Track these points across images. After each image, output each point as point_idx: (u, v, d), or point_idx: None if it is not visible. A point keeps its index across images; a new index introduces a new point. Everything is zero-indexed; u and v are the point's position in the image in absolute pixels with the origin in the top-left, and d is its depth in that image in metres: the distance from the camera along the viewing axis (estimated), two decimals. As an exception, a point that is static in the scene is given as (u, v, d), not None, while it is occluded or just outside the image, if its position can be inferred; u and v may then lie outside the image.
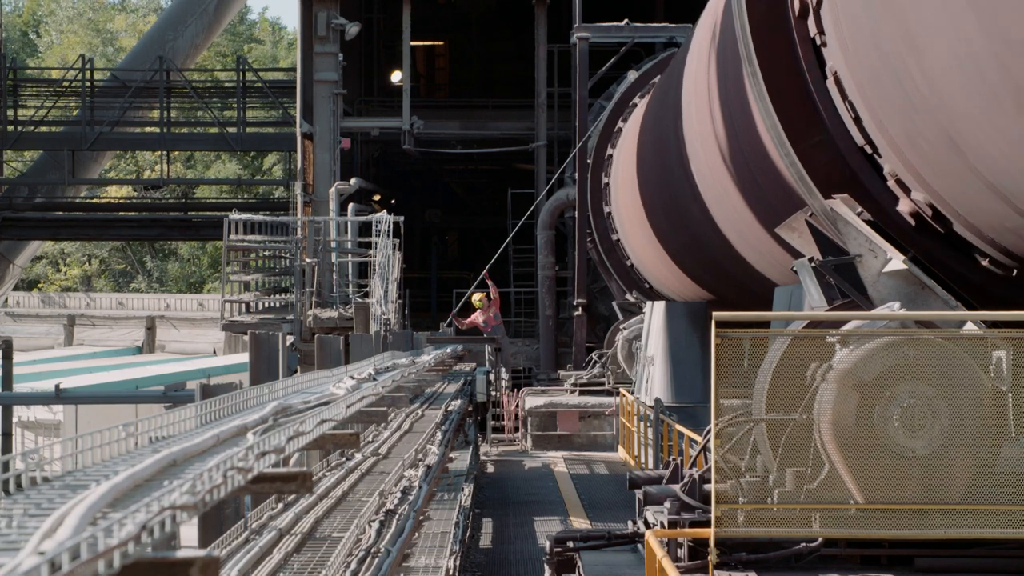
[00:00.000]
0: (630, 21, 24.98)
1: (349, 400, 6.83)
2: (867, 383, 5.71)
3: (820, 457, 5.77)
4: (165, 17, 35.37)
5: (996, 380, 5.71)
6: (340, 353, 15.75)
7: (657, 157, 15.15)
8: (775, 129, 6.92)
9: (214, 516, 8.38)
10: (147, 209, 36.28)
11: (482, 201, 38.33)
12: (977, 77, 5.18)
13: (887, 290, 6.31)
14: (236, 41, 60.47)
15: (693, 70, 11.51)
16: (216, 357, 43.38)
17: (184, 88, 31.86)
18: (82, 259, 57.91)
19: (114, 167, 53.96)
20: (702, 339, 15.44)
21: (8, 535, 2.68)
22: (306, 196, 28.06)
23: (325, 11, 27.98)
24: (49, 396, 23.92)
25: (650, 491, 6.90)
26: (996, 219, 5.94)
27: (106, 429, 3.83)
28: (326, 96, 28.17)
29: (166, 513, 3.02)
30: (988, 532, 5.71)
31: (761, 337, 5.98)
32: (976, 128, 5.49)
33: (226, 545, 5.86)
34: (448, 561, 6.85)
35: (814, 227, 6.73)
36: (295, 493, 4.71)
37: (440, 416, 11.52)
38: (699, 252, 13.72)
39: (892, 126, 6.25)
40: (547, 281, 27.86)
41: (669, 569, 5.85)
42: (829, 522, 5.78)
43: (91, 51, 49.30)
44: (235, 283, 24.23)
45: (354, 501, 7.25)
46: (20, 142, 32.91)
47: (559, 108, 30.07)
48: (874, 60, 6.18)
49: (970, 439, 5.71)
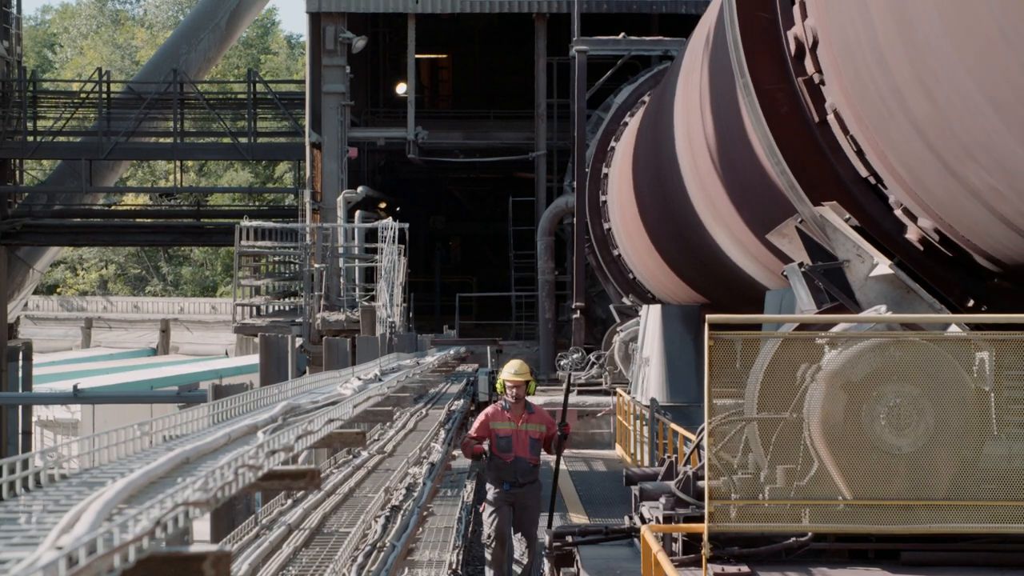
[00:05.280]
0: (627, 35, 25.29)
1: (356, 400, 6.88)
2: (855, 383, 5.78)
3: (810, 455, 5.83)
4: (179, 31, 35.59)
5: (979, 380, 5.79)
6: (347, 355, 15.92)
7: (651, 165, 15.33)
8: (766, 138, 7.06)
9: (226, 512, 8.54)
10: (162, 216, 36.57)
11: (484, 208, 38.56)
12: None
13: (874, 293, 6.41)
14: (251, 53, 60.75)
15: (685, 82, 11.67)
16: (228, 359, 43.52)
17: (197, 100, 32.11)
18: (99, 264, 58.15)
19: (131, 176, 54.25)
20: (696, 341, 15.56)
21: (27, 530, 2.70)
22: (315, 203, 28.29)
23: (333, 26, 28.27)
24: (67, 396, 24.12)
25: (646, 488, 7.02)
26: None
27: (122, 428, 3.87)
28: (334, 107, 28.44)
29: (179, 509, 3.04)
30: (971, 527, 5.77)
31: (753, 339, 6.06)
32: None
33: (237, 540, 5.95)
34: (451, 555, 6.94)
35: (804, 233, 6.84)
36: (304, 490, 4.74)
37: (443, 415, 11.62)
38: (693, 257, 13.87)
39: (879, 134, 6.43)
40: (547, 285, 28.12)
41: (664, 563, 5.95)
42: (818, 517, 5.84)
43: (109, 65, 49.59)
44: (246, 287, 24.43)
45: (360, 497, 7.36)
46: (39, 152, 33.24)
47: (558, 118, 30.40)
48: (860, 69, 6.36)
49: (954, 437, 5.76)
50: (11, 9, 32.58)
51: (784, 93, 7.00)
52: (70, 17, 65.75)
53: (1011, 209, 5.70)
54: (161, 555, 2.85)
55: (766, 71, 7.07)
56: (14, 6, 32.73)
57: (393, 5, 29.57)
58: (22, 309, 36.29)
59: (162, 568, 2.85)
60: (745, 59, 7.09)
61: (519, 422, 9.76)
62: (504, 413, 9.79)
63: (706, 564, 5.85)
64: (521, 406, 9.81)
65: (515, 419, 9.77)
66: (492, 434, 9.75)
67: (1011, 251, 6.11)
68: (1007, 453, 5.83)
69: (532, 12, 30.02)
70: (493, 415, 9.83)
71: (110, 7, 65.75)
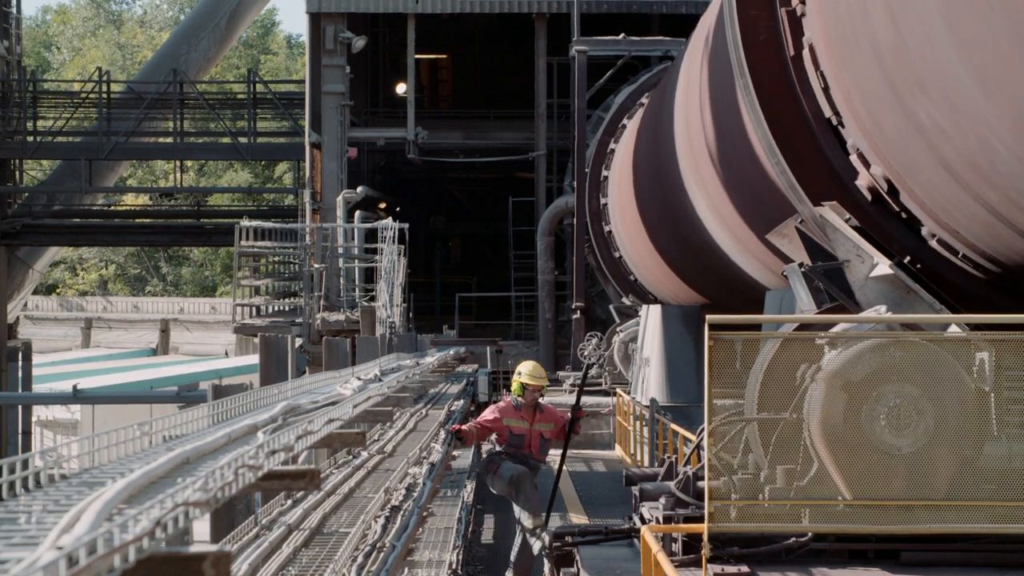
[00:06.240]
0: (627, 35, 25.33)
1: (356, 400, 6.91)
2: (855, 383, 5.78)
3: (810, 455, 5.84)
4: (179, 31, 35.66)
5: (979, 381, 5.80)
6: (347, 355, 15.96)
7: (651, 165, 15.34)
8: (766, 139, 7.07)
9: (226, 512, 8.55)
10: (162, 216, 36.66)
11: (484, 208, 38.63)
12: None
13: (874, 294, 6.42)
14: (251, 54, 60.81)
15: (685, 82, 11.68)
16: (228, 359, 43.57)
17: (197, 100, 32.15)
18: (99, 264, 58.23)
19: (131, 175, 54.29)
20: (696, 341, 15.57)
21: (27, 530, 2.71)
22: (314, 204, 28.33)
23: (333, 26, 28.31)
24: (67, 396, 24.16)
25: (646, 488, 7.04)
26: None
27: (122, 428, 3.88)
28: (334, 107, 28.48)
29: (179, 509, 3.05)
30: (971, 527, 5.78)
31: (753, 339, 6.08)
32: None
33: (237, 540, 5.99)
34: (451, 555, 6.95)
35: (804, 233, 6.85)
36: (303, 490, 4.75)
37: (443, 415, 11.65)
38: (693, 258, 13.88)
39: (844, 66, 6.40)
40: (547, 285, 28.16)
41: (664, 563, 5.96)
42: (818, 518, 5.85)
43: (109, 64, 49.64)
44: (246, 287, 24.46)
45: (360, 497, 7.38)
46: (39, 152, 33.28)
47: (558, 119, 30.48)
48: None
49: (954, 437, 5.77)
50: (11, 9, 32.61)
51: (784, 93, 7.01)
52: (67, 19, 65.79)
53: (952, 150, 5.65)
54: (161, 555, 2.86)
55: (766, 71, 7.07)
56: (14, 6, 32.76)
57: (393, 5, 29.61)
58: (22, 309, 36.33)
59: (162, 568, 2.86)
60: (745, 59, 7.10)
61: (532, 421, 9.87)
62: (517, 411, 9.88)
63: (706, 564, 5.86)
64: (533, 405, 9.90)
65: (528, 418, 9.87)
66: (506, 430, 9.83)
67: (949, 201, 6.03)
68: (1007, 453, 5.83)
69: (532, 12, 30.07)
70: (506, 411, 9.89)
71: (107, 8, 65.79)
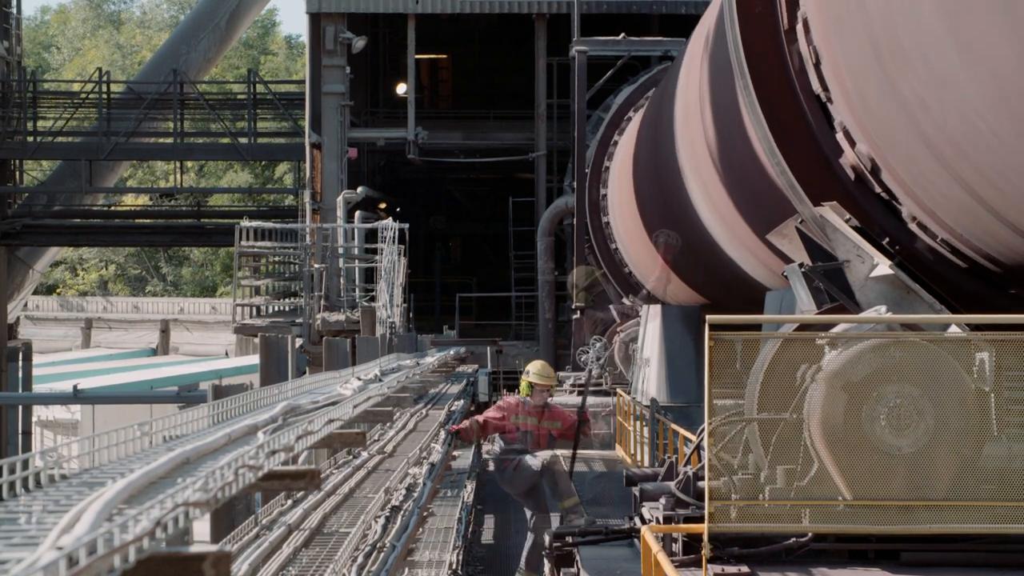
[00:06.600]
0: (627, 35, 25.34)
1: (356, 400, 6.92)
2: (855, 384, 5.79)
3: (810, 455, 5.84)
4: (179, 31, 35.70)
5: (979, 381, 5.81)
6: (347, 355, 15.98)
7: (651, 165, 15.35)
8: (766, 139, 7.08)
9: (226, 512, 8.56)
10: (162, 216, 36.69)
11: (484, 208, 38.68)
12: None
13: (874, 294, 6.42)
14: (251, 54, 60.88)
15: (685, 82, 11.69)
16: (228, 359, 43.63)
17: (197, 100, 32.17)
18: (99, 264, 58.29)
19: (131, 176, 54.34)
20: (696, 341, 15.56)
21: (27, 530, 2.71)
22: (314, 204, 28.36)
23: (333, 26, 28.34)
24: (67, 396, 24.20)
25: (646, 488, 7.03)
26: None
27: (122, 428, 3.88)
28: (334, 107, 28.51)
29: (180, 509, 3.06)
30: (971, 527, 5.78)
31: (753, 339, 6.08)
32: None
33: (237, 540, 6.00)
34: (451, 555, 6.98)
35: (804, 234, 6.85)
36: (304, 490, 4.79)
37: (443, 416, 11.67)
38: (693, 258, 13.90)
39: (836, 41, 6.39)
40: (547, 286, 28.18)
41: (664, 563, 5.97)
42: (818, 518, 5.85)
43: (109, 65, 49.68)
44: (246, 287, 24.49)
45: (360, 498, 7.40)
46: (39, 152, 33.30)
47: (558, 119, 30.50)
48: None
49: (954, 438, 5.77)
50: (11, 9, 32.62)
51: (784, 93, 7.02)
52: (66, 19, 65.84)
53: (932, 124, 5.64)
54: (161, 555, 2.88)
55: (766, 71, 7.08)
56: (14, 6, 32.78)
57: (393, 5, 29.62)
58: (22, 309, 36.36)
59: (162, 568, 2.86)
60: (745, 59, 7.11)
61: (540, 419, 10.01)
62: (525, 409, 10.01)
63: (706, 564, 5.86)
64: (541, 404, 10.02)
65: (536, 415, 10.02)
66: (512, 428, 9.94)
67: (928, 179, 6.01)
68: (1007, 453, 5.84)
69: (532, 12, 30.09)
70: (512, 410, 9.98)
71: (105, 8, 65.84)
